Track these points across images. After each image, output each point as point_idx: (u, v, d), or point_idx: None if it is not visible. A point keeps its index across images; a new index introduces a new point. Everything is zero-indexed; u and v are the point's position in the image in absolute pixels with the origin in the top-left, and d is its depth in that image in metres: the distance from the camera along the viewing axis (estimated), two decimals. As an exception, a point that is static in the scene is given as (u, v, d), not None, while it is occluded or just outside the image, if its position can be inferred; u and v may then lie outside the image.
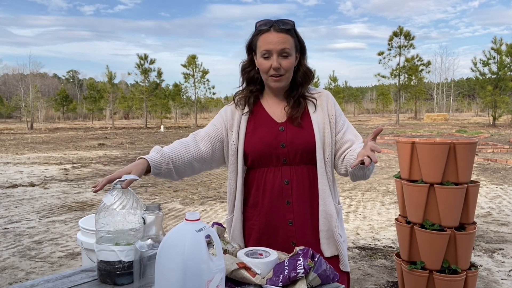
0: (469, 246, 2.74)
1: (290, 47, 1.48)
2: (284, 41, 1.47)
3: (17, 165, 11.32)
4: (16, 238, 4.79)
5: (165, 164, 1.47)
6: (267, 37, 1.48)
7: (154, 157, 1.46)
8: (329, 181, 1.55)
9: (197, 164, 1.57)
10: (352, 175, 1.51)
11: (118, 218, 1.18)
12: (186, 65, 37.43)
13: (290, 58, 1.49)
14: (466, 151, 2.64)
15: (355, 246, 4.43)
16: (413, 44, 31.84)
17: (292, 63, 1.50)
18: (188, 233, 0.98)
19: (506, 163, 10.62)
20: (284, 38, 1.47)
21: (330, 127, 1.55)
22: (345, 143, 1.55)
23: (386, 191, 7.37)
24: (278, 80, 1.51)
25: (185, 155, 1.53)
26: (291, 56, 1.49)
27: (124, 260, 1.17)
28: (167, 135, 24.11)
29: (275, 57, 1.47)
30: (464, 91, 71.40)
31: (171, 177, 1.53)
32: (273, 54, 1.47)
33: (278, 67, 1.48)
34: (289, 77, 1.53)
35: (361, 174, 1.48)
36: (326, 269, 1.21)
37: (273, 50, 1.47)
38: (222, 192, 7.38)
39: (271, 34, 1.48)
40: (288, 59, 1.48)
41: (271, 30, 1.48)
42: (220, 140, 1.60)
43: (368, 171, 1.48)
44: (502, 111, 27.82)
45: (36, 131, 30.15)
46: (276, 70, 1.48)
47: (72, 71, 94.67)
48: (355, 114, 64.11)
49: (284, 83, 1.53)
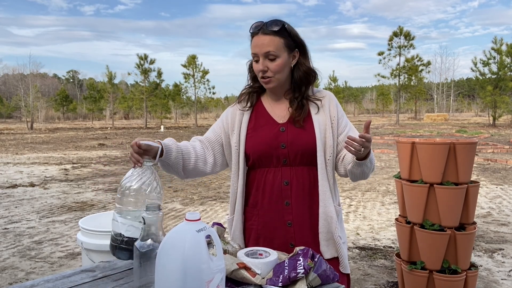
0: (469, 246, 2.74)
1: (276, 48, 1.47)
2: (269, 43, 1.47)
3: (17, 165, 11.32)
4: (16, 238, 4.79)
5: (175, 153, 1.48)
6: (255, 40, 1.50)
7: (167, 142, 1.49)
8: (330, 183, 1.55)
9: (202, 165, 1.58)
10: (351, 174, 1.51)
11: (139, 194, 1.25)
12: (186, 65, 37.43)
13: (277, 60, 1.48)
14: (466, 151, 2.64)
15: (355, 246, 4.43)
16: (413, 44, 31.85)
17: (280, 65, 1.49)
18: (188, 233, 0.98)
19: (506, 163, 10.62)
20: (270, 40, 1.47)
21: (332, 129, 1.54)
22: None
23: (386, 191, 7.37)
24: (267, 82, 1.52)
25: (192, 153, 1.55)
26: (279, 57, 1.49)
27: (124, 234, 1.19)
28: (167, 135, 24.11)
29: (261, 60, 1.49)
30: (464, 91, 71.41)
31: (177, 171, 1.53)
32: (259, 57, 1.49)
33: (264, 70, 1.49)
34: (279, 78, 1.52)
35: (359, 173, 1.48)
36: (326, 269, 1.21)
37: (259, 53, 1.48)
38: (222, 192, 7.38)
39: (258, 37, 1.49)
40: (275, 62, 1.48)
41: (259, 33, 1.49)
42: (220, 144, 1.62)
43: (367, 168, 1.47)
44: (502, 111, 27.81)
45: (36, 131, 30.15)
46: (263, 72, 1.50)
47: (72, 71, 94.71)
48: (355, 114, 64.11)
49: (273, 84, 1.53)
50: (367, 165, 1.47)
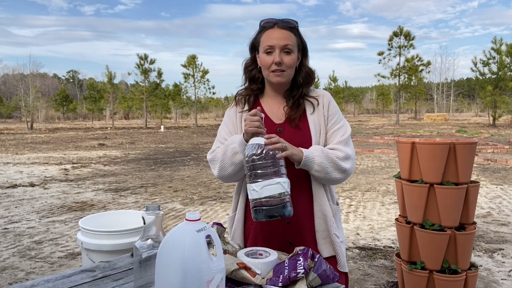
0: (469, 246, 2.74)
1: (293, 44, 1.51)
2: (287, 37, 1.50)
3: (17, 165, 11.32)
4: (16, 238, 4.79)
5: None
6: (270, 33, 1.51)
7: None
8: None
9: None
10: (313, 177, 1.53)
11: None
12: (186, 65, 37.39)
13: (292, 55, 1.51)
14: (466, 151, 2.64)
15: (355, 246, 4.43)
16: (413, 44, 31.81)
17: (293, 60, 1.52)
18: (188, 233, 0.98)
19: (506, 163, 10.62)
20: (287, 35, 1.50)
21: (325, 128, 1.56)
22: (329, 144, 1.56)
23: (386, 191, 7.37)
24: (279, 75, 1.52)
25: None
26: (293, 53, 1.51)
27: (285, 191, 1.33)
28: (167, 135, 24.11)
29: (277, 52, 1.49)
30: (464, 91, 71.37)
31: (235, 171, 1.51)
32: (275, 49, 1.49)
33: (279, 62, 1.49)
34: (290, 73, 1.54)
35: (312, 177, 1.52)
36: (326, 269, 1.21)
37: (276, 45, 1.49)
38: (222, 192, 7.39)
39: (274, 30, 1.51)
40: (290, 56, 1.51)
41: (275, 27, 1.51)
42: None
43: (317, 173, 1.47)
44: (502, 111, 27.80)
45: (36, 131, 30.15)
46: (278, 65, 1.50)
47: (72, 71, 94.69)
48: (355, 114, 64.08)
49: (285, 79, 1.54)
50: (314, 174, 1.47)
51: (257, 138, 1.35)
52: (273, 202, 1.28)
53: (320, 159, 1.45)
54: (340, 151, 1.50)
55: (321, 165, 1.45)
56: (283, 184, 1.29)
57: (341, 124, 1.58)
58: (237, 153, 1.46)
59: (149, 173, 9.65)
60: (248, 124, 1.39)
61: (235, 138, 1.50)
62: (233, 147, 1.47)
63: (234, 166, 1.49)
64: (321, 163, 1.45)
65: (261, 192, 1.28)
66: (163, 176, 9.28)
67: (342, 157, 1.49)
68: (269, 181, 1.28)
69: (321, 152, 1.47)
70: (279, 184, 1.28)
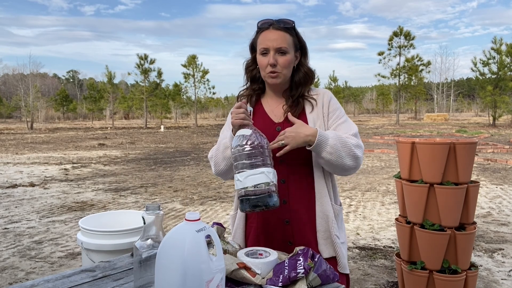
0: (469, 246, 2.74)
1: (288, 45, 1.51)
2: (282, 38, 1.50)
3: (17, 165, 11.32)
4: (16, 238, 4.79)
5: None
6: (266, 35, 1.52)
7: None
8: (327, 181, 1.55)
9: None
10: (323, 166, 1.52)
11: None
12: (186, 65, 37.38)
13: (287, 55, 1.51)
14: (466, 151, 2.64)
15: (355, 246, 4.43)
16: (413, 44, 31.80)
17: (288, 61, 1.52)
18: (188, 233, 0.98)
19: (506, 163, 10.62)
20: (282, 36, 1.50)
21: (324, 125, 1.56)
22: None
23: (386, 191, 7.37)
24: (274, 77, 1.53)
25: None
26: (289, 54, 1.52)
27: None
28: (167, 135, 24.11)
29: (271, 53, 1.50)
30: (464, 91, 71.36)
31: (227, 165, 1.55)
32: (270, 51, 1.50)
33: (274, 64, 1.50)
34: (286, 74, 1.54)
35: (324, 163, 1.48)
36: (326, 269, 1.21)
37: (270, 47, 1.50)
38: (222, 192, 7.38)
39: (270, 32, 1.51)
40: (285, 56, 1.51)
41: (270, 28, 1.52)
42: None
43: (331, 156, 1.44)
44: (502, 111, 27.79)
45: (36, 131, 30.15)
46: (272, 66, 1.50)
47: (72, 71, 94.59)
48: (355, 114, 64.07)
49: (280, 80, 1.54)
50: (326, 156, 1.44)
51: (243, 130, 1.36)
52: (257, 192, 1.28)
53: (333, 141, 1.43)
54: (352, 139, 1.49)
55: (334, 147, 1.43)
56: (267, 173, 1.29)
57: (344, 119, 1.57)
58: (228, 147, 1.50)
59: (149, 173, 9.65)
60: (234, 117, 1.41)
61: (227, 133, 1.54)
62: (224, 142, 1.53)
63: (226, 161, 1.53)
64: (334, 145, 1.43)
65: (245, 182, 1.28)
66: (163, 176, 9.28)
67: (355, 144, 1.48)
68: (253, 170, 1.28)
69: (335, 134, 1.46)
70: (263, 174, 1.28)
